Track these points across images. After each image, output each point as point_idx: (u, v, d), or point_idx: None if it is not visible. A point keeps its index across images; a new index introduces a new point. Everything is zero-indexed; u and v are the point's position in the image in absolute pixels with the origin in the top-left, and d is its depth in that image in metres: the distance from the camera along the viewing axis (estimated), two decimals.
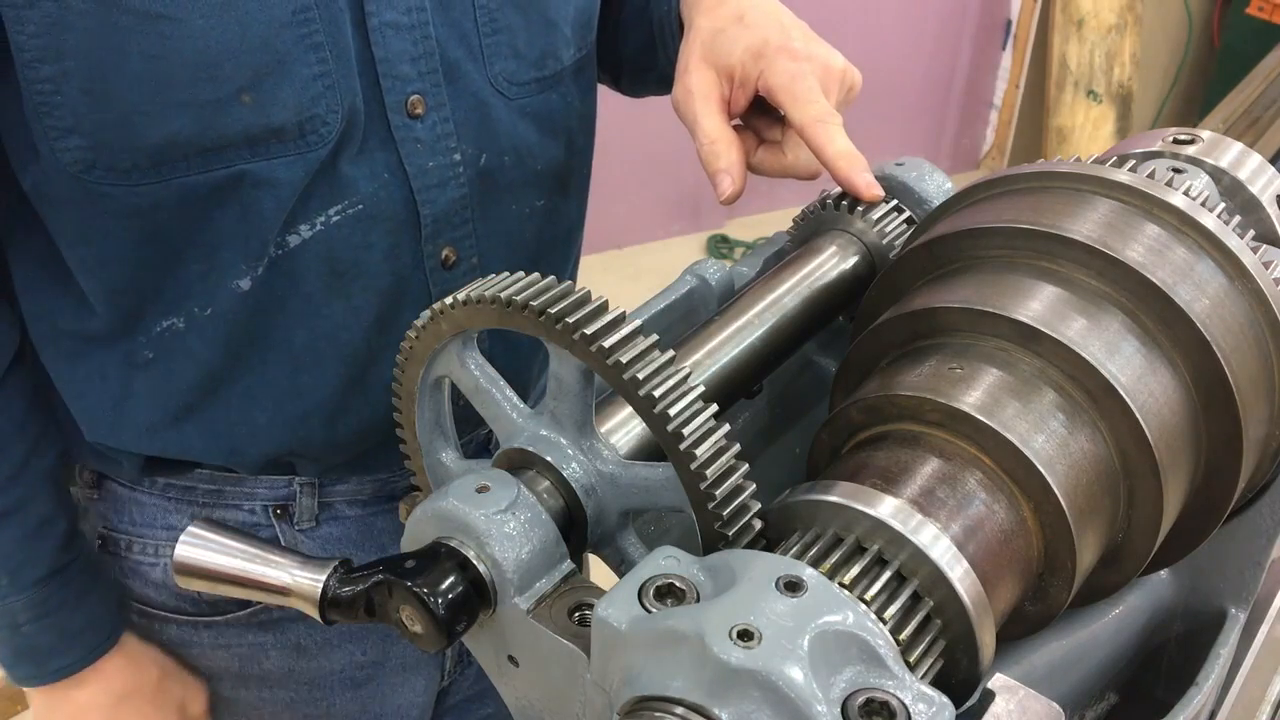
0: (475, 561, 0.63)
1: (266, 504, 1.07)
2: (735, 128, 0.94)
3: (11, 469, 0.97)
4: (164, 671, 1.09)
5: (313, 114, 0.88)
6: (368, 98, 0.91)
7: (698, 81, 0.93)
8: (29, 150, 0.87)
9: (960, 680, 0.59)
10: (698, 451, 0.61)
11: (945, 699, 0.52)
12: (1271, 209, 0.82)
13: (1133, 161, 0.75)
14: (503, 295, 0.65)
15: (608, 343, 0.62)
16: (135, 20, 0.81)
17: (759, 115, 0.97)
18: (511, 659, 0.66)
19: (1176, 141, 0.85)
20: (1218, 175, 0.82)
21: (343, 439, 1.03)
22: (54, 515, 1.00)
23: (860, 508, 0.59)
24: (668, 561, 0.58)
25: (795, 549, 0.60)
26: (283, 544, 1.05)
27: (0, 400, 0.97)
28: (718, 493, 0.61)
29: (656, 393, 0.61)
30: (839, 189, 0.90)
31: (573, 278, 1.20)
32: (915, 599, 0.58)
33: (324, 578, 0.67)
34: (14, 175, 0.90)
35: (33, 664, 1.02)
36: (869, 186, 0.88)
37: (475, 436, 1.12)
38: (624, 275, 4.04)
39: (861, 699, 0.51)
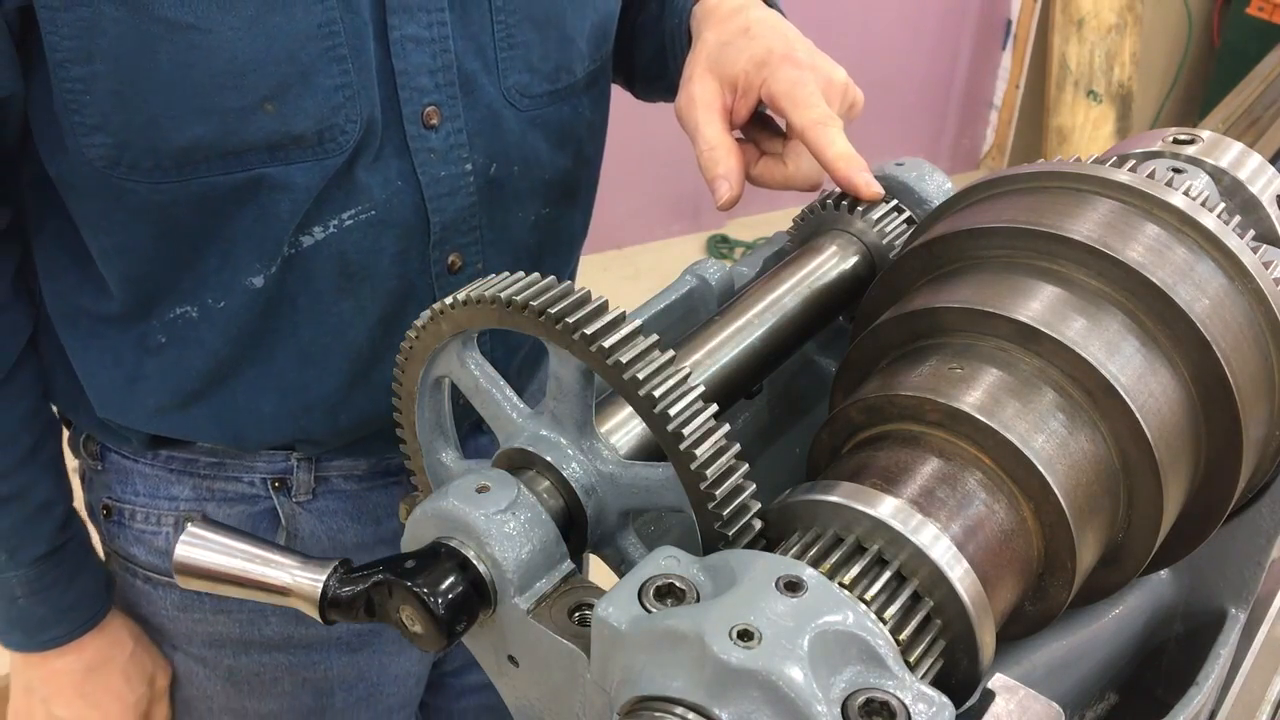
0: (475, 561, 0.63)
1: (265, 477, 1.10)
2: (737, 140, 0.95)
3: (20, 456, 1.02)
4: (138, 643, 1.14)
5: (332, 123, 0.91)
6: (385, 108, 0.94)
7: (700, 90, 0.94)
8: (57, 142, 0.90)
9: (960, 680, 0.59)
10: (698, 451, 0.61)
11: (945, 699, 0.52)
12: (1271, 209, 0.82)
13: (1133, 161, 0.75)
14: (503, 295, 0.65)
15: (608, 343, 0.62)
16: (166, 29, 0.83)
17: (760, 129, 0.98)
18: (511, 659, 0.66)
19: (1176, 141, 0.85)
20: (1218, 175, 0.82)
21: (344, 429, 1.06)
22: (54, 499, 1.05)
23: (860, 508, 0.59)
24: (668, 561, 0.58)
25: (795, 549, 0.60)
26: (281, 515, 1.11)
27: (14, 392, 1.01)
28: (718, 493, 0.61)
29: (656, 393, 0.61)
30: (839, 189, 0.90)
31: (571, 280, 1.20)
32: (915, 599, 0.58)
33: (324, 578, 0.67)
34: (42, 163, 0.93)
35: (24, 634, 1.08)
36: (869, 185, 0.88)
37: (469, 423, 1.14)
38: (624, 275, 4.04)
39: (861, 699, 0.51)
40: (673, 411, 0.61)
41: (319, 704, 1.20)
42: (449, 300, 0.68)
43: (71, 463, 1.13)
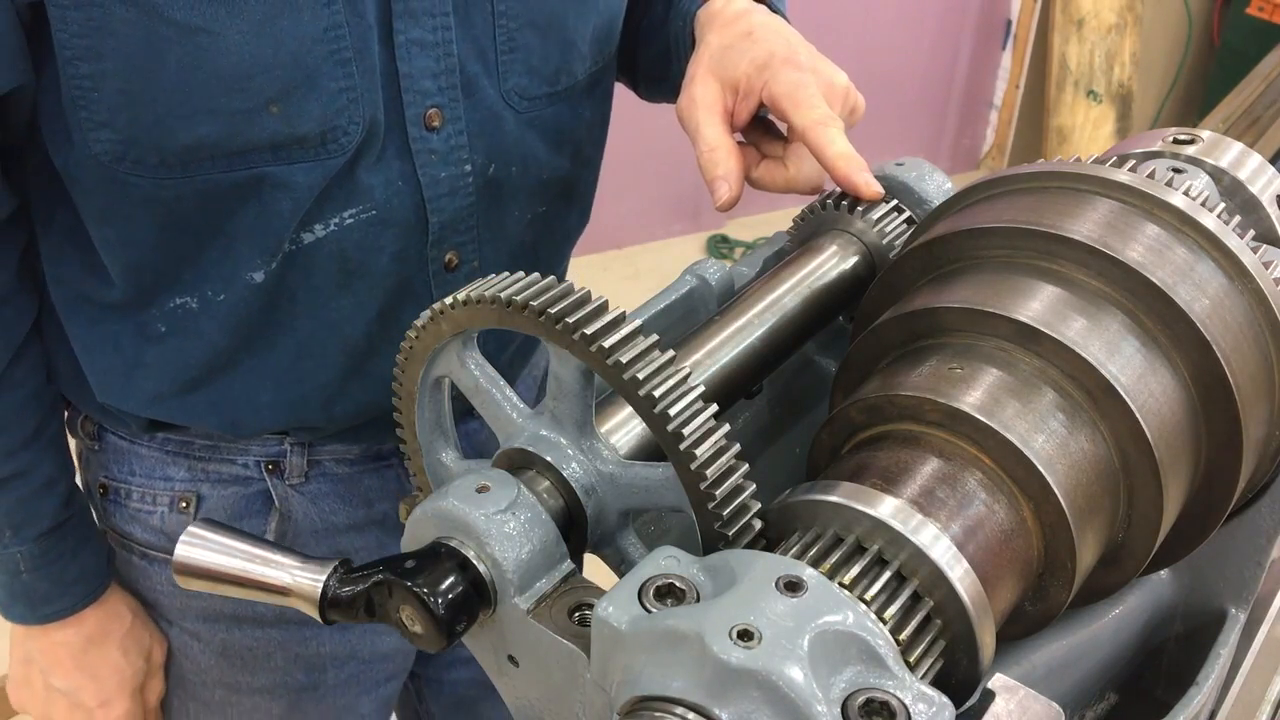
0: (475, 561, 0.63)
1: (259, 460, 1.12)
2: (738, 143, 0.95)
3: (24, 436, 1.04)
4: (136, 618, 1.16)
5: (335, 125, 0.92)
6: (388, 110, 0.95)
7: (702, 92, 0.94)
8: (63, 135, 0.91)
9: (960, 680, 0.59)
10: (698, 451, 0.61)
11: (945, 699, 0.52)
12: (1271, 209, 0.82)
13: (1133, 161, 0.75)
14: (503, 295, 0.65)
15: (608, 343, 0.62)
16: (175, 32, 0.84)
17: (761, 132, 0.98)
18: (511, 659, 0.66)
19: (1176, 141, 0.85)
20: (1218, 175, 0.82)
21: (338, 418, 1.08)
22: (57, 476, 1.07)
23: (860, 508, 0.59)
24: (668, 561, 0.58)
25: (795, 549, 0.60)
26: (274, 497, 1.13)
27: (19, 375, 1.03)
28: (718, 493, 0.61)
29: (656, 393, 0.61)
30: (839, 189, 0.90)
31: (563, 277, 1.21)
32: (915, 599, 0.58)
33: (324, 578, 0.67)
34: (48, 154, 0.94)
35: (27, 607, 1.10)
36: (869, 185, 0.88)
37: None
38: (624, 275, 4.04)
39: (861, 699, 0.51)
40: (673, 411, 0.61)
41: (311, 680, 1.22)
42: (449, 300, 0.68)
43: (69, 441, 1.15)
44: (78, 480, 1.16)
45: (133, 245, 0.96)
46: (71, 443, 1.16)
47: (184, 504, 1.12)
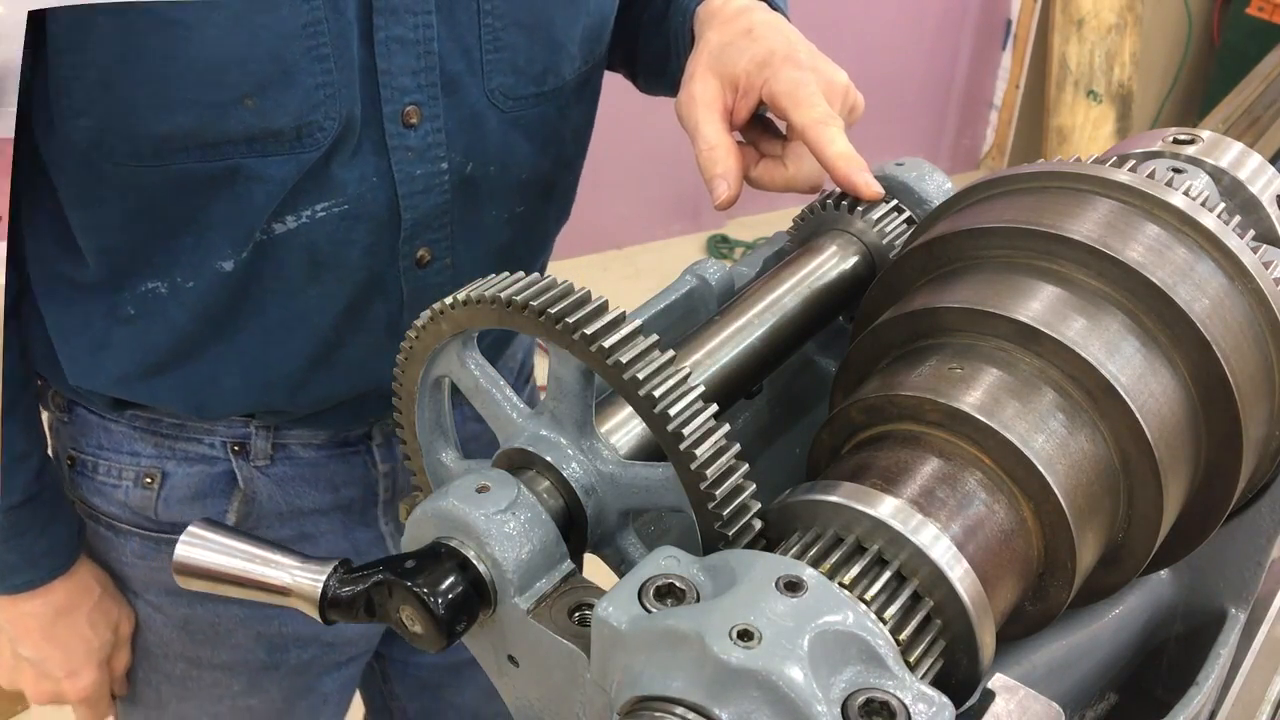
0: (475, 561, 0.63)
1: (225, 440, 1.14)
2: (737, 142, 0.95)
3: None
4: (105, 590, 1.18)
5: (311, 119, 0.92)
6: (366, 106, 0.95)
7: (701, 89, 0.94)
8: (46, 120, 0.93)
9: (960, 680, 0.59)
10: (698, 451, 0.61)
11: (945, 699, 0.52)
12: (1271, 209, 0.82)
13: (1133, 161, 0.75)
14: (503, 295, 0.65)
15: (608, 343, 0.62)
16: (153, 24, 0.85)
17: (760, 131, 0.98)
18: (511, 659, 0.66)
19: (1176, 141, 0.85)
20: (1218, 175, 0.82)
21: (303, 405, 1.10)
22: (30, 450, 1.09)
23: (860, 508, 0.59)
24: (668, 561, 0.58)
25: (795, 549, 0.60)
26: (239, 478, 1.15)
27: None
28: (718, 493, 0.61)
29: (656, 393, 0.61)
30: (839, 189, 0.90)
31: (542, 273, 1.23)
32: (915, 599, 0.58)
33: (323, 578, 0.67)
34: (34, 137, 0.95)
35: None
36: (869, 185, 0.88)
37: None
38: (624, 275, 4.04)
39: (861, 699, 0.51)
40: (673, 411, 0.61)
41: (273, 659, 1.24)
42: (449, 300, 0.68)
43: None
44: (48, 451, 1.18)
45: (107, 229, 0.98)
46: (42, 414, 1.17)
47: (149, 480, 1.14)
